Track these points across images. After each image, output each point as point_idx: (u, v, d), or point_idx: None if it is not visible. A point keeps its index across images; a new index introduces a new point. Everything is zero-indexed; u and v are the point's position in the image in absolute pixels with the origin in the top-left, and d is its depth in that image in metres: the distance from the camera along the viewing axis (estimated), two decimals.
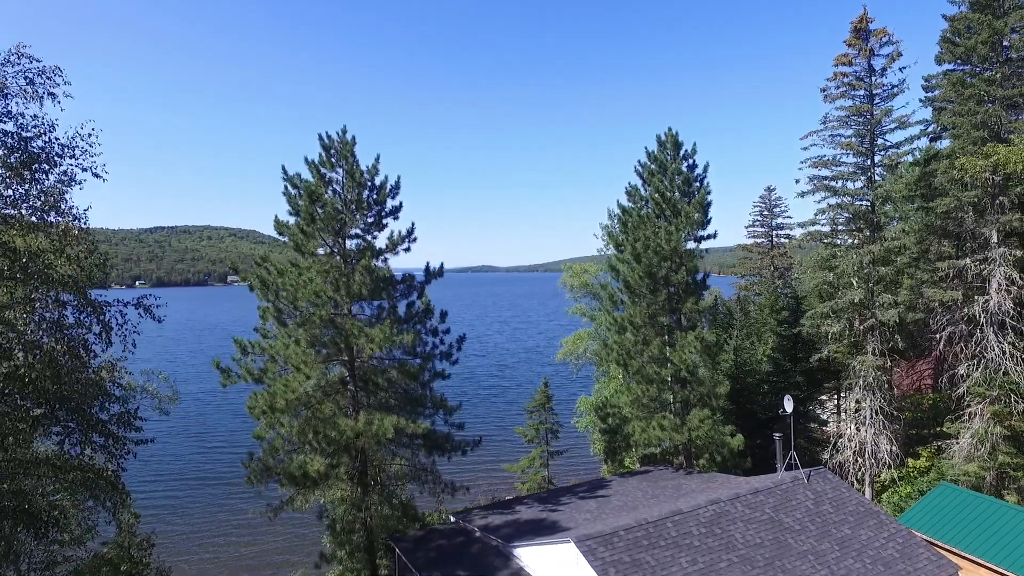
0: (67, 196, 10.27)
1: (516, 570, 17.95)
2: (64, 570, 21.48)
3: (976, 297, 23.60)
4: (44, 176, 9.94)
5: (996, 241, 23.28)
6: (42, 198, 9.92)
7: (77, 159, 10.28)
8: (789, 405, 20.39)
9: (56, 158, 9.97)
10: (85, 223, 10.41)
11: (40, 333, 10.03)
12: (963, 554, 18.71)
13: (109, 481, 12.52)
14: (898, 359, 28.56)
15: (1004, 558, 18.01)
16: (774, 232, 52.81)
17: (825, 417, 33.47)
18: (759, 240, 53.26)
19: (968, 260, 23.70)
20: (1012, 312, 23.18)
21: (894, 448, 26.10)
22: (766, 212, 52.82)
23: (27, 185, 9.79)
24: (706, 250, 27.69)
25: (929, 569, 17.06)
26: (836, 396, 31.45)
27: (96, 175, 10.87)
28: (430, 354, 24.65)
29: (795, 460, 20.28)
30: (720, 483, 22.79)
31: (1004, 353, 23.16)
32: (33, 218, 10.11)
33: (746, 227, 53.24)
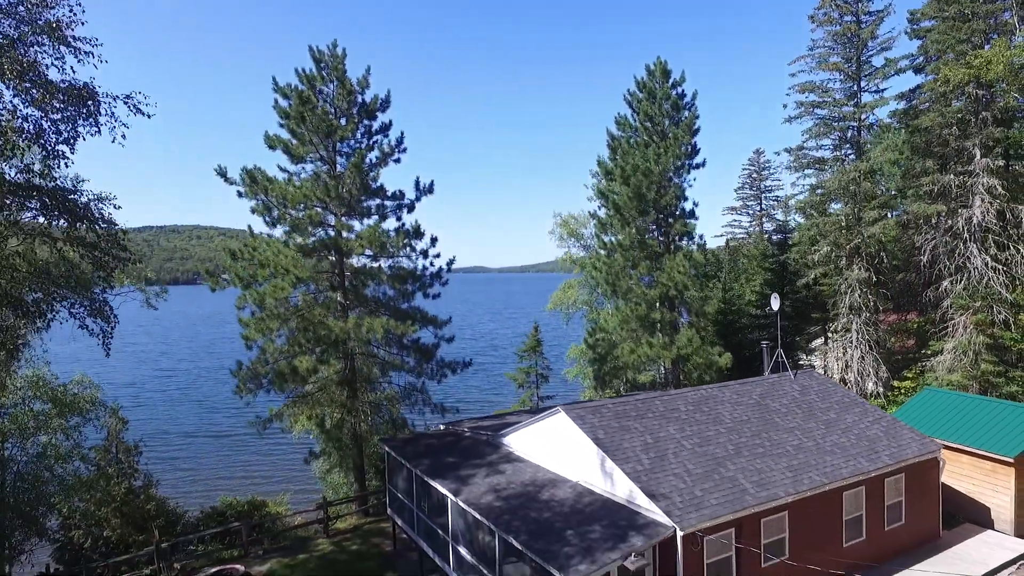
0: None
1: (505, 454, 18.02)
2: (52, 488, 21.43)
3: (960, 211, 23.97)
4: None
5: (979, 156, 23.65)
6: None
7: None
8: (776, 303, 20.57)
9: None
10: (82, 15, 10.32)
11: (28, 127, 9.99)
12: (944, 443, 18.90)
13: (98, 305, 12.42)
14: (883, 312, 28.81)
15: (984, 441, 18.26)
16: (763, 195, 53.38)
17: (813, 359, 33.77)
18: (749, 203, 53.75)
19: (952, 176, 24.07)
20: (994, 225, 23.55)
21: (880, 371, 26.39)
22: (755, 175, 53.35)
23: None
24: (695, 179, 27.92)
25: (912, 446, 17.32)
26: (824, 333, 31.73)
27: None
28: (420, 275, 24.71)
29: (782, 358, 20.47)
30: None
31: (986, 265, 23.51)
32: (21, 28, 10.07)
33: (735, 189, 53.78)
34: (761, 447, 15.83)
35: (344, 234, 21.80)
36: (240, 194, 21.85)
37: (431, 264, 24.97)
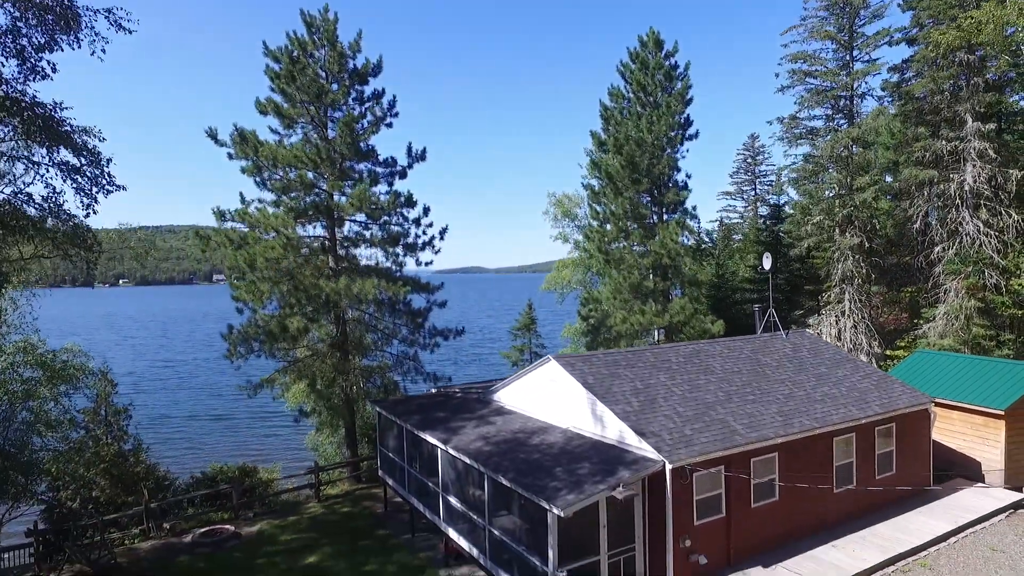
0: None
1: (496, 408, 17.97)
2: (43, 456, 21.26)
3: (952, 176, 24.00)
4: None
5: (971, 121, 23.68)
6: None
7: None
8: (768, 262, 20.55)
9: None
10: None
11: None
12: (936, 400, 18.89)
13: (79, 235, 12.27)
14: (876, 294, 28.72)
15: (975, 396, 18.27)
16: (757, 180, 53.40)
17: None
18: (744, 187, 53.79)
19: (943, 142, 24.10)
20: (986, 190, 23.59)
21: (873, 341, 26.40)
22: (749, 159, 53.41)
23: None
24: (688, 150, 27.88)
25: (904, 398, 17.31)
26: (817, 308, 31.73)
27: None
28: (413, 243, 24.62)
29: (774, 318, 20.44)
30: None
31: (978, 230, 23.55)
32: None
33: (730, 175, 53.80)
34: (751, 395, 15.80)
35: (335, 196, 21.71)
36: (230, 156, 21.72)
37: (423, 232, 24.87)
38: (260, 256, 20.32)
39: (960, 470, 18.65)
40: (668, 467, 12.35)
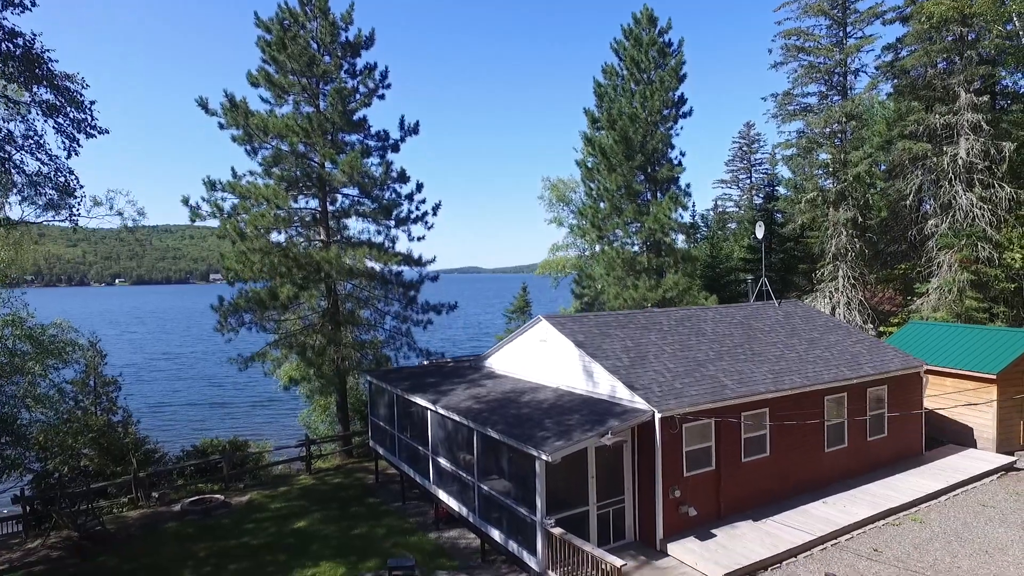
0: None
1: (488, 372, 17.88)
2: (35, 429, 21.08)
3: (945, 149, 23.97)
4: None
5: (964, 94, 23.65)
6: None
7: None
8: (760, 231, 20.48)
9: None
10: None
11: None
12: (929, 367, 18.86)
13: (64, 186, 12.12)
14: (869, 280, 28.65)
15: (968, 362, 18.24)
16: (753, 168, 53.36)
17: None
18: (740, 176, 53.75)
19: (937, 116, 24.07)
20: (979, 163, 23.56)
21: (867, 318, 26.36)
22: (745, 147, 53.37)
23: None
24: (682, 127, 27.83)
25: (895, 361, 17.26)
26: (811, 287, 31.71)
27: None
28: (405, 217, 24.51)
29: (767, 287, 20.38)
30: None
31: (971, 203, 23.53)
32: None
33: (725, 163, 53.76)
34: (743, 355, 15.74)
35: (327, 166, 21.59)
36: (221, 126, 21.58)
37: (416, 208, 24.77)
38: (250, 225, 20.19)
39: (952, 436, 18.61)
40: (657, 416, 12.27)
